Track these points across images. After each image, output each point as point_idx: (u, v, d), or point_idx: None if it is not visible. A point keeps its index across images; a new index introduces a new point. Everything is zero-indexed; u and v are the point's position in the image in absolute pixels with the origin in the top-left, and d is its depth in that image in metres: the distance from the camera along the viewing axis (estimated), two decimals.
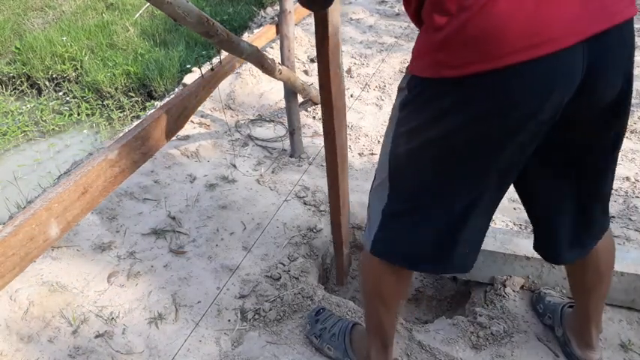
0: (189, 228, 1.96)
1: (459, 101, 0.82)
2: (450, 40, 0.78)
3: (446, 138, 0.86)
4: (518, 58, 0.74)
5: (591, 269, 1.20)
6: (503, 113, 0.80)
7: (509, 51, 0.74)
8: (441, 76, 0.81)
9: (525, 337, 1.46)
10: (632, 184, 2.10)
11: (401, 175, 0.99)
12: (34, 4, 5.56)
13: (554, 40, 0.74)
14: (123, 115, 3.90)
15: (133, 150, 1.04)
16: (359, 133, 2.58)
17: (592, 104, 0.86)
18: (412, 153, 0.94)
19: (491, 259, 1.58)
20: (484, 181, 0.91)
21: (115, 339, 1.51)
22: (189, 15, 1.01)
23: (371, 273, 1.14)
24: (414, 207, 0.99)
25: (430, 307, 1.84)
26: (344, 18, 4.06)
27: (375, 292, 1.17)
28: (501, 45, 0.74)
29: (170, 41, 4.57)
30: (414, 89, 0.89)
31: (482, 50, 0.76)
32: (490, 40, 0.75)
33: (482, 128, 0.83)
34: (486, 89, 0.79)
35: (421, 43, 0.85)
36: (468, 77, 0.78)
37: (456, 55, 0.78)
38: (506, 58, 0.75)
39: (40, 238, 0.85)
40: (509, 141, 0.84)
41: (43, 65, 4.34)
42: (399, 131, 0.95)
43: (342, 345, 1.39)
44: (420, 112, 0.89)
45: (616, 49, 0.83)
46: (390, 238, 1.04)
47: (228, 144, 2.53)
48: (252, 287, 1.67)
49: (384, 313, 1.19)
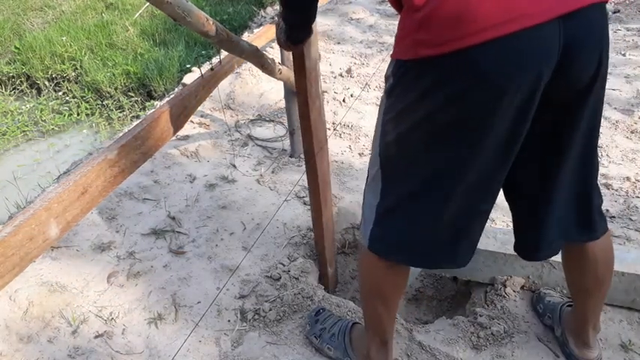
0: (189, 228, 1.96)
1: (438, 80, 0.83)
2: (428, 20, 0.79)
3: (429, 118, 0.87)
4: (493, 34, 0.75)
5: (590, 273, 1.19)
6: (480, 90, 0.81)
7: (483, 26, 0.75)
8: (420, 56, 0.82)
9: (526, 338, 1.46)
10: (632, 184, 2.10)
11: (392, 164, 0.98)
12: (34, 4, 5.56)
13: (528, 15, 0.75)
14: (122, 115, 3.89)
15: (133, 150, 1.04)
16: (359, 133, 2.58)
17: (569, 86, 0.87)
18: (400, 138, 0.93)
19: (491, 259, 1.58)
20: (473, 163, 0.90)
21: (115, 339, 1.51)
22: (189, 15, 1.01)
23: (369, 270, 1.14)
24: (407, 199, 0.98)
25: (430, 308, 1.84)
26: (344, 18, 4.06)
27: (374, 289, 1.17)
28: (476, 21, 0.75)
29: (170, 41, 4.57)
30: (397, 73, 0.89)
31: (458, 27, 0.76)
32: (465, 17, 0.76)
33: (462, 106, 0.83)
34: (463, 67, 0.79)
35: (401, 27, 0.86)
36: (446, 55, 0.79)
37: (434, 34, 0.79)
38: (482, 34, 0.75)
39: (40, 238, 0.84)
40: (491, 120, 0.84)
41: (42, 65, 4.34)
42: (387, 118, 0.95)
43: (341, 344, 1.39)
44: (404, 95, 0.89)
45: (591, 28, 0.83)
46: (387, 234, 1.04)
47: (228, 144, 2.53)
48: (252, 287, 1.67)
49: (383, 310, 1.19)
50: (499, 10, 0.75)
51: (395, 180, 0.99)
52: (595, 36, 0.85)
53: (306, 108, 1.33)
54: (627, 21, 3.84)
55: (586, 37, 0.83)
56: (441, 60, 0.80)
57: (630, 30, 3.59)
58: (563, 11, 0.77)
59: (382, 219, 1.04)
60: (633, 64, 3.10)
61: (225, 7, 5.20)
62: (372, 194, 1.05)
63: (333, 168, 2.34)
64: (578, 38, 0.81)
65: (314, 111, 1.36)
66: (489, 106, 0.82)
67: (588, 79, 0.87)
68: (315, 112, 1.37)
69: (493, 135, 0.86)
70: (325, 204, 1.59)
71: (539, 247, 1.10)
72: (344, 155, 2.43)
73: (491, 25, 0.75)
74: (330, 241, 1.71)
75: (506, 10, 0.75)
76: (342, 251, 2.03)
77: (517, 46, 0.77)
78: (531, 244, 1.12)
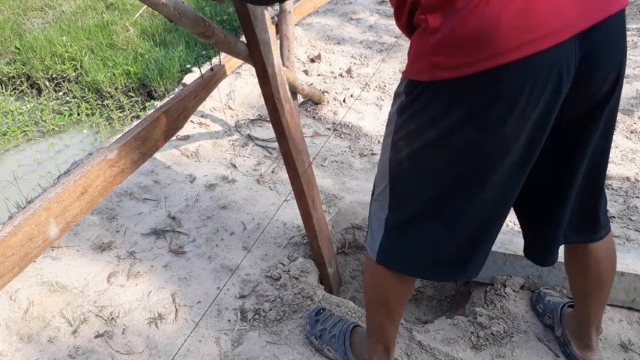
0: (189, 228, 1.96)
1: (455, 101, 0.82)
2: (445, 43, 0.78)
3: (446, 137, 0.86)
4: (514, 56, 0.74)
5: (592, 275, 1.20)
6: (500, 110, 0.80)
7: (505, 49, 0.74)
8: (437, 78, 0.81)
9: (525, 337, 1.46)
10: (632, 184, 2.10)
11: (402, 181, 0.98)
12: (34, 4, 5.56)
13: (550, 34, 0.74)
14: (123, 115, 3.90)
15: (133, 150, 1.04)
16: (359, 133, 2.58)
17: (587, 96, 0.86)
18: (413, 156, 0.93)
19: (491, 259, 1.58)
20: (489, 179, 0.90)
21: (115, 339, 1.51)
22: (186, 16, 1.01)
23: (375, 280, 1.13)
24: (419, 215, 0.97)
25: (430, 307, 1.84)
26: (344, 18, 4.06)
27: (378, 297, 1.16)
28: (497, 44, 0.74)
29: (170, 41, 4.57)
30: (411, 93, 0.88)
31: (476, 51, 0.76)
32: (482, 40, 0.75)
33: (480, 126, 0.83)
34: (484, 88, 0.79)
35: (416, 48, 0.85)
36: (462, 78, 0.78)
37: (451, 57, 0.78)
38: (503, 57, 0.75)
39: (40, 238, 0.85)
40: (509, 138, 0.84)
41: (42, 65, 4.34)
42: (399, 136, 0.94)
43: (342, 347, 1.39)
44: (418, 114, 0.89)
45: (609, 40, 0.82)
46: (396, 248, 1.03)
47: (228, 144, 2.53)
48: (252, 287, 1.67)
49: (387, 318, 1.18)
50: (520, 30, 0.73)
51: (406, 196, 0.98)
52: (613, 48, 0.84)
53: (277, 114, 1.34)
54: (627, 21, 3.84)
55: (604, 51, 0.82)
56: (457, 82, 0.79)
57: (630, 30, 3.59)
58: (583, 27, 0.77)
59: (391, 233, 1.03)
60: (633, 64, 3.10)
61: (225, 7, 5.20)
62: (380, 208, 1.03)
63: (333, 168, 2.34)
64: (595, 52, 0.80)
65: (285, 116, 1.36)
66: (508, 124, 0.82)
67: (607, 89, 0.87)
68: (287, 117, 1.37)
69: (510, 152, 0.86)
70: (314, 205, 1.60)
71: (551, 251, 1.12)
72: (344, 155, 2.43)
73: (513, 48, 0.74)
74: (325, 241, 1.70)
75: (527, 29, 0.73)
76: (342, 251, 2.03)
77: (539, 66, 0.76)
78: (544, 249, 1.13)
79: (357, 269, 2.00)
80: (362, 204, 2.07)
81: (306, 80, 3.08)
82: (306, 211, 1.60)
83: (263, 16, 1.17)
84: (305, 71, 3.19)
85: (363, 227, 2.02)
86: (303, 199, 1.56)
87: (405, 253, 1.03)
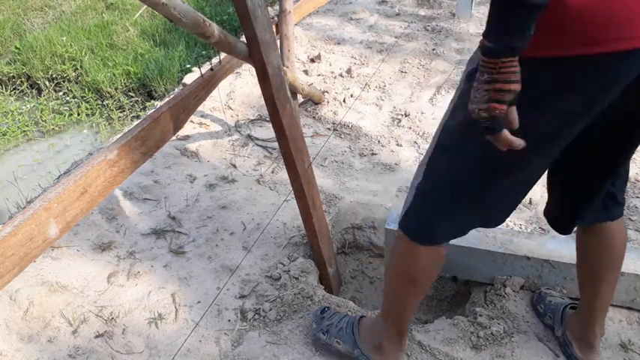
0: (189, 228, 1.96)
1: (557, 81, 0.82)
2: (553, 22, 0.77)
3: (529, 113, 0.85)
4: (631, 45, 0.75)
5: (606, 251, 1.21)
6: (605, 95, 0.82)
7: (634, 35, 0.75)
8: (541, 56, 0.80)
9: (525, 337, 1.46)
10: (632, 184, 2.09)
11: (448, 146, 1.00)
12: (34, 4, 5.56)
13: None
14: (123, 115, 3.90)
15: (133, 150, 1.04)
16: (359, 133, 2.58)
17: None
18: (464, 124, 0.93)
19: (491, 259, 1.58)
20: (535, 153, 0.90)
21: (115, 339, 1.51)
22: (185, 16, 1.01)
23: (403, 254, 1.15)
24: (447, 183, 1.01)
25: (430, 307, 1.84)
26: (344, 18, 4.06)
27: (405, 273, 1.17)
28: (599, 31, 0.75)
29: (170, 41, 4.57)
30: None
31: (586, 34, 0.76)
32: (586, 26, 0.75)
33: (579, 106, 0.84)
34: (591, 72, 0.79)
35: None
36: (568, 58, 0.78)
37: (556, 38, 0.78)
38: (601, 46, 0.75)
39: (40, 238, 0.85)
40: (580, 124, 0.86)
41: (42, 65, 4.34)
42: (462, 102, 0.93)
43: (351, 337, 1.39)
44: None
45: None
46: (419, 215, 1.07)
47: (228, 144, 2.53)
48: (252, 287, 1.67)
49: (410, 296, 1.20)
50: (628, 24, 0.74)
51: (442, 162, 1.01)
52: None
53: (277, 114, 1.34)
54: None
55: None
56: (559, 61, 0.79)
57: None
58: None
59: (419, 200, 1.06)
60: None
61: (225, 7, 5.20)
62: (417, 175, 1.07)
63: (333, 168, 2.34)
64: None
65: (285, 116, 1.37)
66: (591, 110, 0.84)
67: None
68: (287, 117, 1.38)
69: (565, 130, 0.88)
70: (314, 205, 1.60)
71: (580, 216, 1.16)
72: (344, 155, 2.43)
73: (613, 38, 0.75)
74: (325, 241, 1.71)
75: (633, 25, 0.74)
76: (342, 251, 2.03)
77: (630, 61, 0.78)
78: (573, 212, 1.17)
79: (357, 269, 2.00)
80: (362, 204, 2.07)
81: (306, 80, 3.08)
82: (306, 211, 1.60)
83: (263, 16, 1.18)
84: (305, 71, 3.19)
85: (363, 227, 2.02)
86: (303, 199, 1.56)
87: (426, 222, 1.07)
